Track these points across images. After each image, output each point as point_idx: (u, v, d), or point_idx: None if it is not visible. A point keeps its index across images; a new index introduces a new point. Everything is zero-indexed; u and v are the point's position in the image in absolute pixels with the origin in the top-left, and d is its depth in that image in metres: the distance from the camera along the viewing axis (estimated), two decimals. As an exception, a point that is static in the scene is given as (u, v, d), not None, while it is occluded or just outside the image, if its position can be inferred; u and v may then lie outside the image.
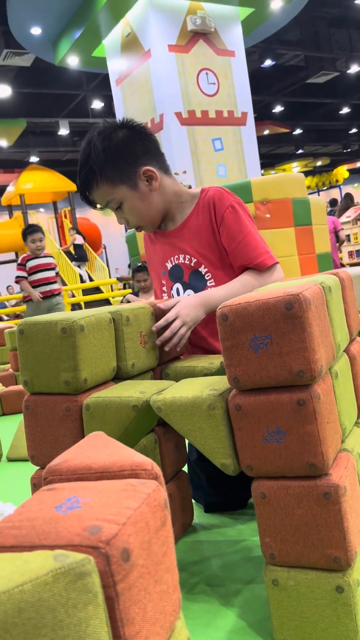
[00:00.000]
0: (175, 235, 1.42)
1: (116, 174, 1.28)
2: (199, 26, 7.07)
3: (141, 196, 1.32)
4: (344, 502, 0.77)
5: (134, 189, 1.30)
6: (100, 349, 1.02)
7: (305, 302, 0.76)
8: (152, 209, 1.35)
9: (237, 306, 0.80)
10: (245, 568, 1.09)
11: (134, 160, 1.30)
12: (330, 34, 12.00)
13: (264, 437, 0.80)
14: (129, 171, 1.29)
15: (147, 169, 1.31)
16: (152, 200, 1.34)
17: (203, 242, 1.38)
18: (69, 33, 7.97)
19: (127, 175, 1.29)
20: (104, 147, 1.27)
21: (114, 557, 0.42)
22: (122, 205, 1.32)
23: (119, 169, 1.28)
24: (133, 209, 1.33)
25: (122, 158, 1.28)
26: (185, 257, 1.42)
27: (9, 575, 0.37)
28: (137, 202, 1.32)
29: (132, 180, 1.30)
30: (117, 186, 1.29)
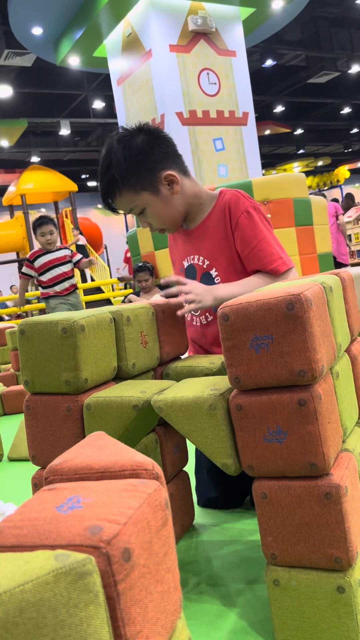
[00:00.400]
0: (194, 234, 1.44)
1: (138, 181, 1.30)
2: (200, 26, 7.07)
3: (163, 200, 1.34)
4: (345, 502, 0.77)
5: (156, 194, 1.33)
6: (101, 348, 1.02)
7: (306, 302, 0.76)
8: (175, 211, 1.37)
9: (238, 306, 0.80)
10: (246, 568, 1.09)
11: (155, 165, 1.31)
12: (331, 33, 11.99)
13: (265, 437, 0.80)
14: (150, 177, 1.31)
15: (169, 173, 1.33)
16: (174, 203, 1.36)
17: (217, 246, 1.39)
18: (70, 33, 7.96)
19: (148, 181, 1.31)
20: (124, 156, 1.29)
21: (115, 557, 0.42)
22: (144, 210, 1.34)
23: (141, 176, 1.30)
24: (156, 214, 1.35)
25: (143, 165, 1.30)
26: (199, 259, 1.44)
27: (10, 575, 0.37)
28: (160, 207, 1.34)
29: (154, 186, 1.32)
30: (140, 193, 1.31)
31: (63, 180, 12.49)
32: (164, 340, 1.22)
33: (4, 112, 12.03)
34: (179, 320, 1.31)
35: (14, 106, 12.00)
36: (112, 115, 11.28)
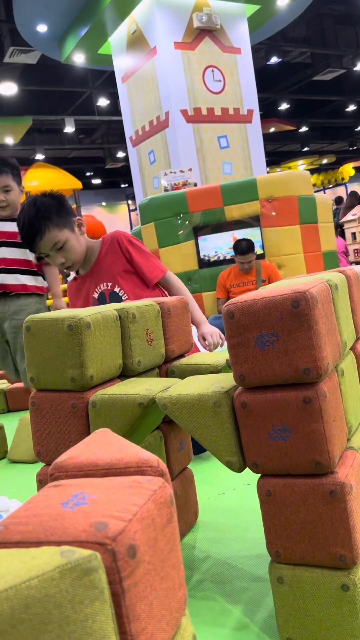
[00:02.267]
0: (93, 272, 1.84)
1: (61, 220, 1.68)
2: (205, 23, 7.05)
3: (77, 238, 1.74)
4: (350, 501, 0.77)
5: (72, 232, 1.72)
6: (106, 346, 1.02)
7: (311, 300, 0.75)
8: (82, 248, 1.77)
9: (244, 304, 0.80)
10: (250, 565, 1.09)
11: (68, 212, 1.74)
12: (336, 31, 11.93)
13: (269, 435, 0.80)
14: (69, 218, 1.72)
15: (78, 218, 1.76)
16: (82, 242, 1.77)
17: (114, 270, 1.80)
18: (75, 30, 7.96)
19: (68, 221, 1.71)
20: (50, 203, 1.68)
21: (120, 553, 0.42)
22: (65, 245, 1.69)
23: (62, 217, 1.69)
24: (73, 248, 1.71)
25: (64, 210, 1.72)
26: (105, 284, 1.84)
27: (16, 571, 0.37)
28: (75, 242, 1.73)
29: (71, 226, 1.72)
30: (62, 230, 1.68)
31: (67, 177, 12.49)
32: (169, 338, 1.22)
33: (8, 110, 12.04)
34: (185, 318, 1.31)
35: (18, 103, 12.01)
36: (116, 113, 11.27)
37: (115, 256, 1.81)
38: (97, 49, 8.28)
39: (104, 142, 15.54)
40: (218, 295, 4.59)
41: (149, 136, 7.48)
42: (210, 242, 4.79)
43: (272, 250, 4.60)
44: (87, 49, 8.22)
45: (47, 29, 8.16)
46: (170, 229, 4.69)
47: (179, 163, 6.81)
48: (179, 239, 4.67)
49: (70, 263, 1.75)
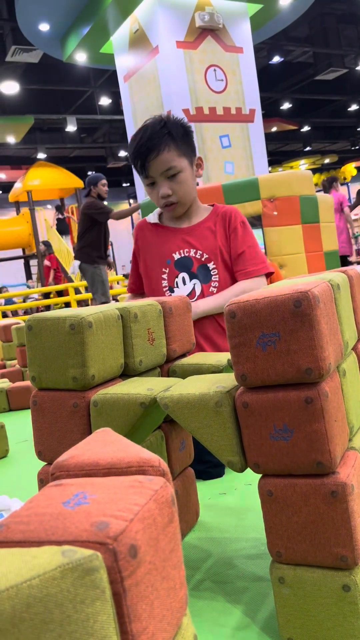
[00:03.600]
0: (187, 232, 1.63)
1: (185, 146, 1.52)
2: (208, 22, 7.05)
3: (192, 175, 1.56)
4: (352, 501, 0.76)
5: (191, 166, 1.54)
6: (108, 345, 1.02)
7: (314, 300, 0.75)
8: (193, 192, 1.57)
9: (245, 303, 0.79)
10: (251, 565, 1.09)
11: (193, 146, 1.56)
12: (339, 30, 11.93)
13: (271, 435, 0.80)
14: (192, 151, 1.55)
15: (200, 157, 1.58)
16: (194, 184, 1.58)
17: (217, 245, 1.60)
18: (77, 29, 7.96)
19: (190, 152, 1.54)
20: (182, 124, 1.52)
21: (122, 553, 0.42)
22: (178, 175, 1.51)
23: (188, 144, 1.53)
24: (185, 182, 1.53)
25: (188, 139, 1.54)
26: (197, 252, 1.62)
27: (17, 570, 0.37)
28: (189, 178, 1.54)
29: (191, 159, 1.55)
30: (182, 157, 1.51)
31: (69, 176, 12.50)
32: (171, 338, 1.22)
33: (10, 109, 12.05)
34: (187, 318, 1.31)
35: (20, 102, 12.02)
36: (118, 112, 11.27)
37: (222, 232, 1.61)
38: (99, 48, 8.28)
39: (106, 141, 15.56)
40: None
41: (151, 135, 7.47)
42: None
43: (273, 250, 4.60)
44: (89, 48, 8.22)
45: (49, 28, 8.16)
46: (172, 228, 4.68)
47: (180, 162, 6.80)
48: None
49: (175, 199, 1.55)
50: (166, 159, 1.49)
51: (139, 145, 1.50)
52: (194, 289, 1.68)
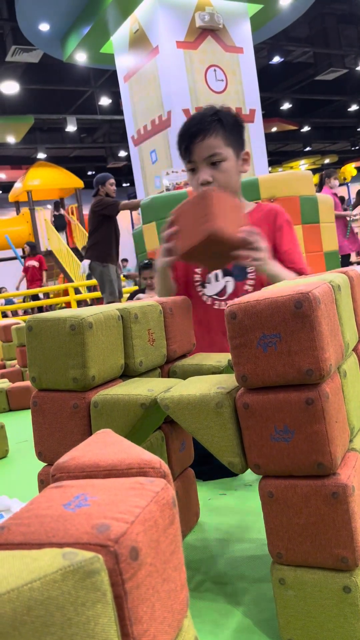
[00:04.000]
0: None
1: (234, 137, 1.48)
2: (208, 22, 7.05)
3: (237, 166, 1.51)
4: (352, 502, 0.76)
5: (236, 157, 1.50)
6: (109, 346, 1.02)
7: (314, 301, 0.75)
8: (235, 184, 1.52)
9: (246, 304, 0.79)
10: (252, 567, 1.09)
11: (242, 139, 1.53)
12: (339, 30, 11.93)
13: (271, 436, 0.80)
14: (240, 144, 1.51)
15: (247, 151, 1.54)
16: (238, 177, 1.53)
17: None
18: (77, 29, 7.96)
19: (238, 144, 1.50)
20: (234, 115, 1.51)
21: (123, 555, 0.42)
22: (221, 163, 1.47)
23: (237, 136, 1.50)
24: (227, 172, 1.48)
25: (239, 131, 1.51)
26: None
27: (17, 573, 0.37)
28: (233, 168, 1.50)
29: (238, 152, 1.50)
30: (228, 146, 1.47)
31: (69, 176, 12.51)
32: (171, 338, 1.22)
33: (10, 109, 12.05)
34: (187, 319, 1.31)
35: (20, 102, 12.02)
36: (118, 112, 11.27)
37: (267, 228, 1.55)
38: (99, 48, 8.28)
39: (106, 142, 15.56)
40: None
41: (151, 135, 7.48)
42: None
43: (273, 250, 4.59)
44: (89, 48, 8.22)
45: (49, 28, 8.16)
46: (172, 228, 4.68)
47: (180, 163, 6.80)
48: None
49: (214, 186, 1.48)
50: (211, 144, 1.45)
51: (186, 128, 1.48)
52: (225, 287, 1.65)
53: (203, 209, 1.21)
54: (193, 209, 1.25)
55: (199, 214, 1.22)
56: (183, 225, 1.28)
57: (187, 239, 1.26)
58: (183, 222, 1.28)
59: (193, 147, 1.46)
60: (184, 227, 1.27)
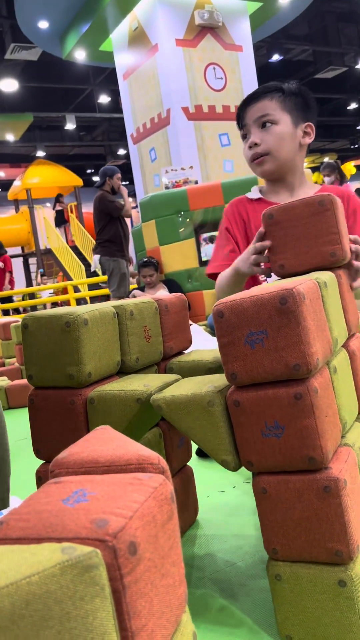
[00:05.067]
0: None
1: (293, 104, 1.39)
2: (207, 20, 7.04)
3: (292, 135, 1.39)
4: (345, 496, 0.77)
5: (293, 125, 1.39)
6: (104, 343, 1.02)
7: (299, 297, 0.76)
8: (289, 153, 1.39)
9: (232, 303, 0.80)
10: (249, 562, 1.09)
11: (307, 113, 1.42)
12: (339, 28, 11.92)
13: (263, 432, 0.80)
14: (301, 113, 1.40)
15: (310, 124, 1.42)
16: (295, 147, 1.40)
17: None
18: (77, 27, 7.95)
19: (298, 113, 1.39)
20: (299, 85, 1.41)
21: (121, 550, 0.42)
22: (272, 126, 1.37)
23: (298, 104, 1.39)
24: (279, 135, 1.37)
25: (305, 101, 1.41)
26: None
27: (16, 567, 0.37)
28: (286, 134, 1.38)
29: (296, 121, 1.39)
30: (284, 112, 1.38)
31: (68, 175, 12.49)
32: (168, 335, 1.22)
33: (9, 106, 12.03)
34: (183, 315, 1.31)
35: (19, 100, 12.00)
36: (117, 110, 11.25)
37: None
38: (98, 46, 8.26)
39: (105, 140, 15.53)
40: (219, 293, 4.58)
41: (150, 133, 7.48)
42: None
43: (272, 249, 4.59)
44: (88, 45, 8.21)
45: (48, 26, 8.15)
46: (171, 226, 4.68)
47: (180, 161, 6.80)
48: (179, 236, 4.67)
49: (263, 150, 1.37)
50: (264, 106, 1.36)
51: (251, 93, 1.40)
52: None
53: (323, 223, 0.96)
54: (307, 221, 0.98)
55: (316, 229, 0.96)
56: (290, 238, 0.99)
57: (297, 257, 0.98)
58: (291, 234, 0.99)
59: (246, 110, 1.39)
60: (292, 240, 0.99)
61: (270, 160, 1.39)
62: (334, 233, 0.95)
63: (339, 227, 0.96)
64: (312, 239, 0.97)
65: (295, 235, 0.98)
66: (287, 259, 0.99)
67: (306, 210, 0.97)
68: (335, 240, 0.95)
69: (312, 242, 0.97)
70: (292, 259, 0.99)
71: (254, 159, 1.40)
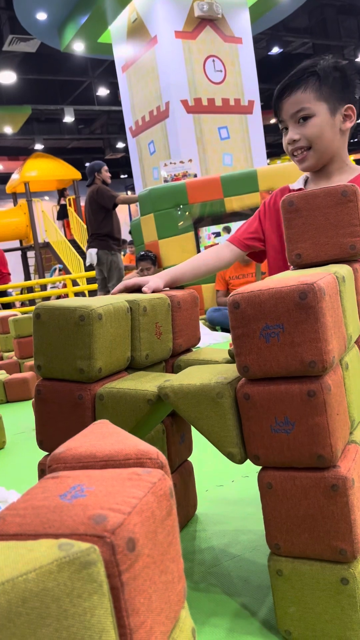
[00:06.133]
0: None
1: (330, 90, 1.31)
2: (206, 12, 6.99)
3: (332, 123, 1.32)
4: (352, 495, 0.76)
5: (331, 113, 1.31)
6: (116, 338, 1.00)
7: (319, 292, 0.74)
8: (330, 142, 1.34)
9: (250, 294, 0.78)
10: (249, 558, 1.09)
11: (346, 92, 1.32)
12: (339, 21, 11.86)
13: (272, 428, 0.79)
14: (339, 97, 1.31)
15: (351, 106, 1.32)
16: (336, 135, 1.34)
17: None
18: (75, 18, 7.89)
19: (335, 98, 1.31)
20: (335, 66, 1.32)
21: (120, 546, 0.41)
22: (309, 119, 1.31)
23: (336, 88, 1.31)
24: (318, 128, 1.31)
25: (340, 85, 1.32)
26: None
27: (13, 564, 0.36)
28: (326, 125, 1.32)
29: (334, 106, 1.31)
30: (321, 101, 1.30)
31: (67, 168, 12.44)
32: (178, 332, 1.20)
33: (7, 99, 11.96)
34: (193, 312, 1.29)
35: (17, 92, 11.93)
36: (116, 103, 11.20)
37: None
38: (97, 38, 8.21)
39: (104, 133, 15.47)
40: (217, 287, 4.57)
41: (149, 127, 7.44)
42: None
43: (272, 242, 4.58)
44: (87, 37, 8.16)
45: (46, 17, 8.09)
46: (170, 220, 4.67)
47: (179, 154, 6.77)
48: (178, 230, 4.65)
49: (304, 144, 1.33)
50: (298, 99, 1.31)
51: (279, 85, 1.35)
52: None
53: (345, 214, 0.93)
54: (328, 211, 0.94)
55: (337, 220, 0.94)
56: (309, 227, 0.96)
57: (315, 248, 0.96)
58: (310, 223, 0.96)
59: (281, 104, 1.34)
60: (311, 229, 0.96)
61: (311, 156, 1.35)
62: (355, 225, 0.93)
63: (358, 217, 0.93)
64: (332, 229, 0.94)
65: (315, 225, 0.95)
66: (304, 249, 0.96)
67: (328, 199, 0.94)
68: (356, 232, 0.93)
69: (332, 232, 0.94)
70: (309, 249, 0.96)
71: (295, 155, 1.36)
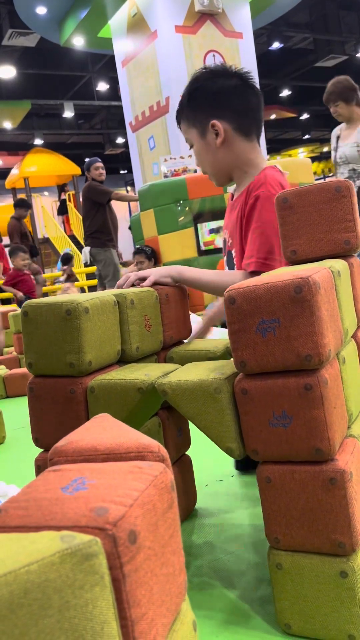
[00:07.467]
0: (232, 205, 1.39)
1: (191, 116, 1.34)
2: (207, 7, 6.95)
3: (206, 146, 1.34)
4: (350, 488, 0.76)
5: (202, 136, 1.34)
6: (105, 331, 1.01)
7: (314, 286, 0.74)
8: (216, 163, 1.35)
9: (245, 289, 0.79)
10: (249, 551, 1.09)
11: (211, 111, 1.31)
12: (339, 16, 11.81)
13: (270, 422, 0.80)
14: (201, 119, 1.32)
15: (214, 122, 1.30)
16: (217, 155, 1.33)
17: (235, 224, 1.33)
18: (75, 13, 7.85)
19: (198, 120, 1.33)
20: (191, 90, 1.33)
21: (121, 538, 0.41)
22: (193, 148, 1.37)
23: (195, 112, 1.33)
24: (197, 155, 1.37)
25: (202, 104, 1.32)
26: (226, 233, 1.41)
27: (15, 556, 0.36)
28: (202, 150, 1.35)
29: (202, 129, 1.33)
30: (191, 128, 1.35)
31: (66, 163, 12.41)
32: (168, 324, 1.21)
33: (7, 93, 11.91)
34: (183, 305, 1.30)
35: (17, 87, 11.88)
36: (116, 98, 11.16)
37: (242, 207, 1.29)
38: (97, 32, 8.17)
39: (104, 128, 15.42)
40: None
41: (149, 122, 7.42)
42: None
43: (272, 238, 4.57)
44: (86, 32, 8.12)
45: (46, 12, 8.05)
46: (170, 215, 4.66)
47: (179, 149, 6.74)
48: (178, 225, 4.64)
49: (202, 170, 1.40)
50: (183, 130, 1.38)
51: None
52: None
53: (339, 210, 0.93)
54: (322, 207, 0.94)
55: (331, 216, 0.94)
56: (303, 223, 0.95)
57: (310, 244, 0.96)
58: (305, 219, 0.96)
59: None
60: (305, 225, 0.95)
61: (210, 177, 1.40)
62: (349, 220, 0.94)
63: (354, 214, 0.93)
64: (326, 225, 0.94)
65: (309, 221, 0.95)
66: (299, 245, 0.97)
67: (321, 195, 0.95)
68: (351, 227, 0.94)
69: (326, 228, 0.95)
70: (304, 245, 0.97)
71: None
